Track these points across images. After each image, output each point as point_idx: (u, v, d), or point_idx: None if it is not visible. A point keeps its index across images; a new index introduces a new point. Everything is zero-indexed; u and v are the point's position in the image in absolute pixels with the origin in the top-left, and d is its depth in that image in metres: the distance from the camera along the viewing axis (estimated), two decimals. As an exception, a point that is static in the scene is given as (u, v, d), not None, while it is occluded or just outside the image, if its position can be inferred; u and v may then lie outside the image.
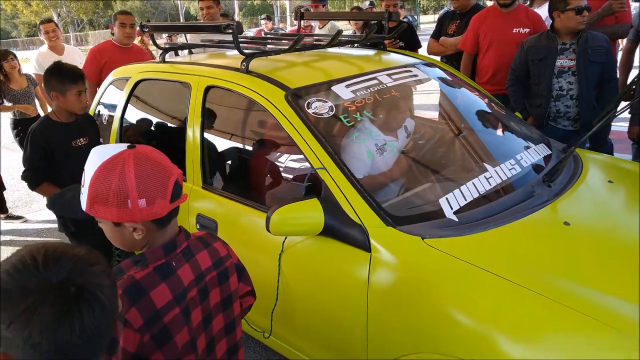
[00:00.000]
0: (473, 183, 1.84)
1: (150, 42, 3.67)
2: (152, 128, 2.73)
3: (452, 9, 4.22)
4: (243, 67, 2.15)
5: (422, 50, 4.09)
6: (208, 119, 2.30)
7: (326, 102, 2.01)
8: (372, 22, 3.22)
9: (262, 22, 7.45)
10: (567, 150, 2.30)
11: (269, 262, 1.90)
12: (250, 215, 2.02)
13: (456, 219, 1.67)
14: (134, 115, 2.81)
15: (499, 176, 1.91)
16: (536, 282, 1.37)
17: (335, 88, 2.07)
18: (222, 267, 1.22)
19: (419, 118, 2.55)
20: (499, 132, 2.34)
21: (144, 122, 2.79)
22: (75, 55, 4.84)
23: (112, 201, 1.01)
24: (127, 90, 2.81)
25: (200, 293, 1.16)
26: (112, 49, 4.05)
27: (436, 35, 4.15)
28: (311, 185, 1.79)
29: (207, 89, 2.28)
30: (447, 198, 1.75)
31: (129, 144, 1.05)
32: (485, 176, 1.89)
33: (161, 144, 2.71)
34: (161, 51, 2.74)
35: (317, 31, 5.28)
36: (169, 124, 2.61)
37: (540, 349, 1.26)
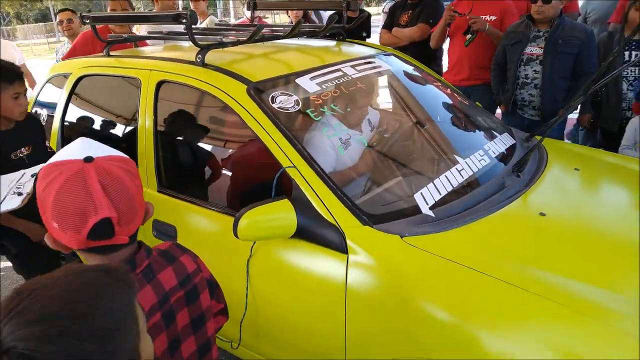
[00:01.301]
0: (445, 176, 1.80)
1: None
2: (98, 128, 2.52)
3: None
4: (199, 60, 2.00)
5: (372, 41, 4.04)
6: (161, 117, 2.13)
7: (291, 95, 1.90)
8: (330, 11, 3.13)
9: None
10: (529, 139, 2.32)
11: (235, 268, 1.78)
12: (212, 220, 1.89)
13: (433, 215, 1.62)
14: (76, 115, 2.58)
15: (470, 168, 1.88)
16: (520, 277, 1.34)
17: (299, 81, 1.97)
18: (190, 285, 1.08)
19: (383, 111, 2.49)
20: (465, 123, 2.32)
21: (88, 122, 2.57)
22: (11, 50, 4.38)
23: (39, 205, 0.91)
24: (67, 87, 2.58)
25: (165, 317, 1.02)
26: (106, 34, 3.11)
27: (388, 26, 4.11)
28: (278, 186, 1.69)
29: (159, 84, 2.11)
30: (421, 193, 1.69)
31: (87, 157, 0.89)
32: (457, 169, 1.85)
33: (112, 145, 2.50)
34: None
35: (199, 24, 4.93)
36: (117, 124, 2.41)
37: (525, 344, 1.23)
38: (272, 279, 1.72)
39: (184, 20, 1.92)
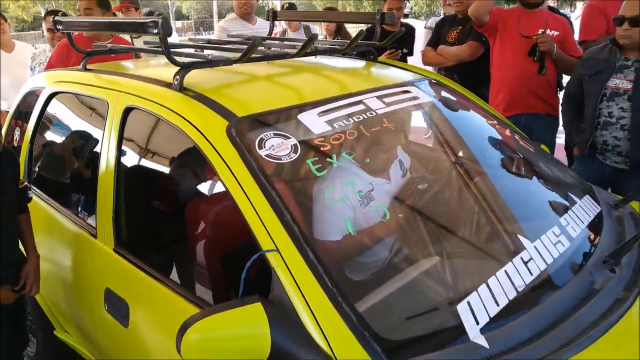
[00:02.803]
0: (505, 272, 1.21)
1: None
2: (63, 160, 2.07)
3: (443, 14, 3.58)
4: (176, 82, 1.51)
5: (414, 59, 3.48)
6: (126, 153, 1.65)
7: (288, 138, 1.36)
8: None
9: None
10: (620, 206, 1.69)
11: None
12: (173, 303, 1.37)
13: (486, 345, 1.03)
14: (44, 139, 2.15)
15: (542, 258, 1.28)
16: None
17: (303, 117, 1.43)
18: None
19: (419, 151, 1.92)
20: (531, 181, 1.72)
21: (54, 151, 2.13)
22: (28, 53, 4.10)
23: None
24: (39, 104, 2.15)
25: None
26: (86, 43, 2.49)
27: (433, 43, 3.54)
28: (259, 275, 1.15)
29: (127, 110, 1.63)
30: (468, 302, 1.11)
31: None
32: (522, 258, 1.26)
33: (72, 183, 2.05)
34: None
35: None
36: (83, 157, 1.95)
37: None
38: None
39: (154, 31, 1.43)
